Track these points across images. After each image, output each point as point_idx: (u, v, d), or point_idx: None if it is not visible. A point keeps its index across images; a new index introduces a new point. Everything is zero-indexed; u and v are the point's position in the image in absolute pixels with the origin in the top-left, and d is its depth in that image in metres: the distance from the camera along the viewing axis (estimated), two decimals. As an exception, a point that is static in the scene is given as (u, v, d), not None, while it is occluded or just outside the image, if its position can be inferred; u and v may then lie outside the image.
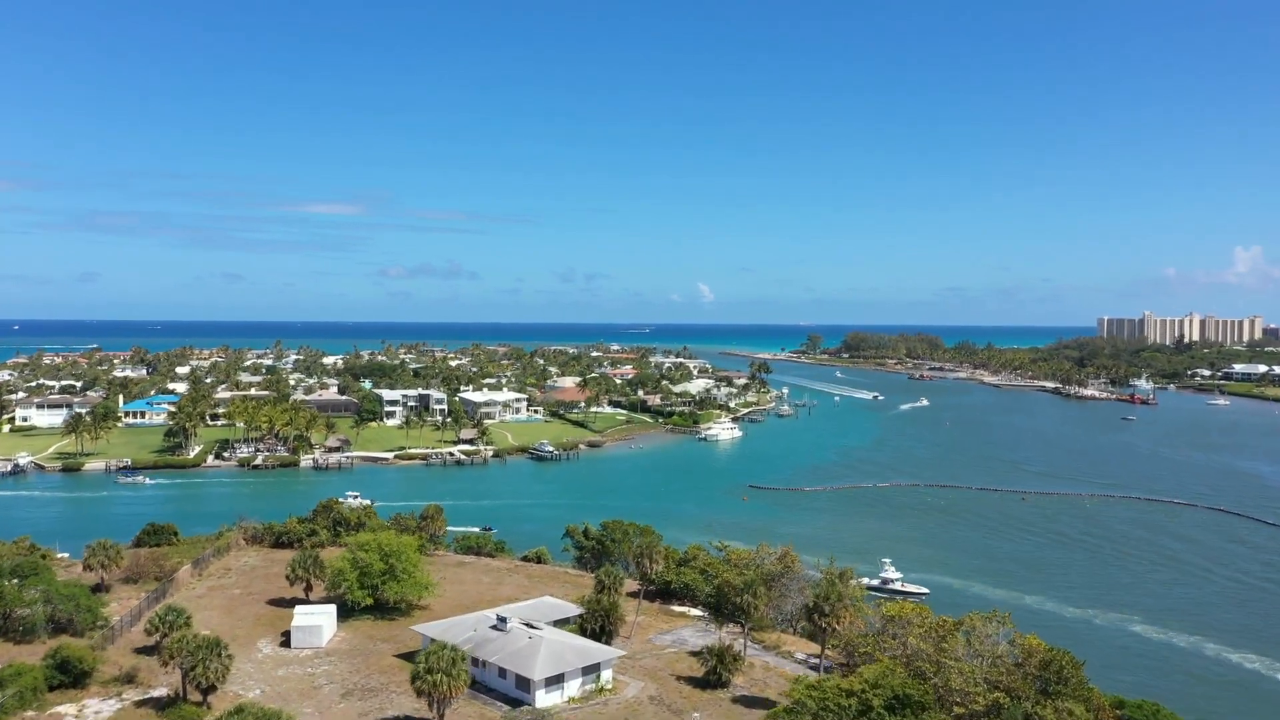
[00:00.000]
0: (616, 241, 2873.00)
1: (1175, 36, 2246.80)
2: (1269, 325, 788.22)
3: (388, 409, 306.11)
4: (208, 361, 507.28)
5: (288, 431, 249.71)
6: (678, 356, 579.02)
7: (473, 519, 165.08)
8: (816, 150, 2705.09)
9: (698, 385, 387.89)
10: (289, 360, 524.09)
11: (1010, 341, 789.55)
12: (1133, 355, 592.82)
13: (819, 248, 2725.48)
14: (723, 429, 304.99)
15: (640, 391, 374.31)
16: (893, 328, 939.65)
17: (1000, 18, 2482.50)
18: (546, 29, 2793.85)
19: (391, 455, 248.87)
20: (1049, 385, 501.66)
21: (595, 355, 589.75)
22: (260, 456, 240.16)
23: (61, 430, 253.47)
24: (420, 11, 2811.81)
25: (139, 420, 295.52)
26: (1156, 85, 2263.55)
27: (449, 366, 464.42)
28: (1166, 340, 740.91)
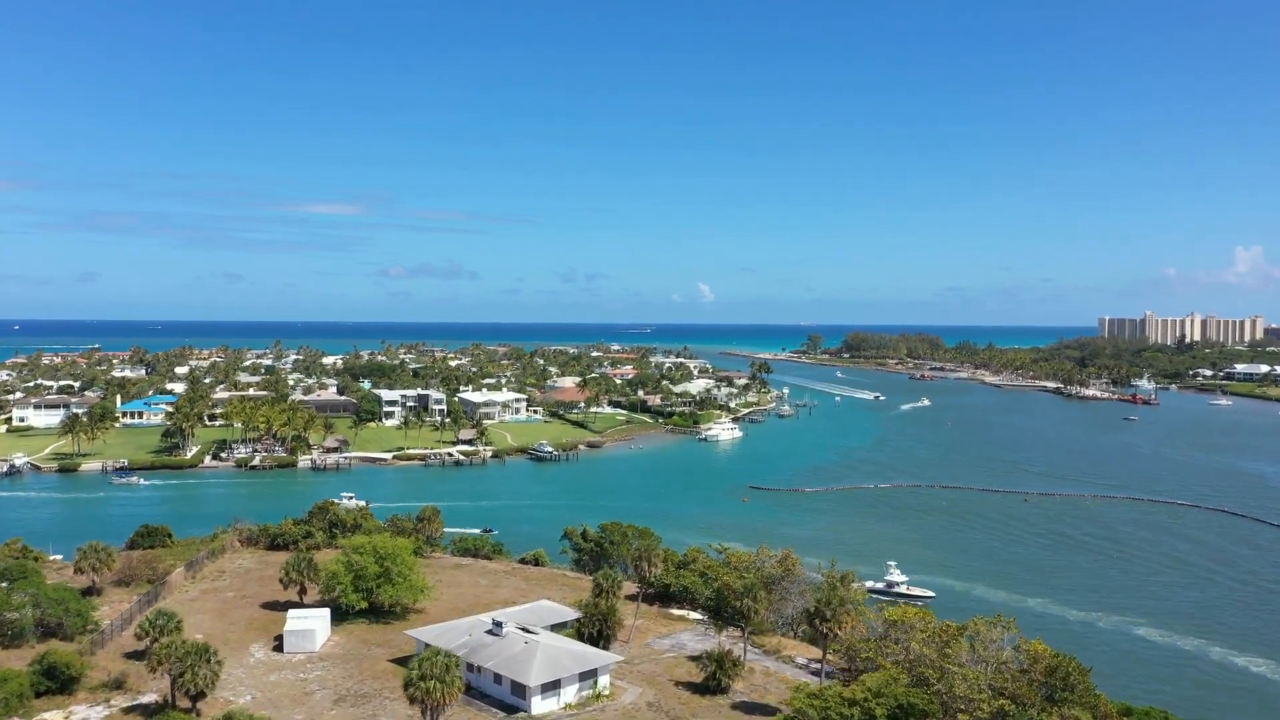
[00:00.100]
0: (617, 241, 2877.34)
1: (1175, 36, 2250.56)
2: (1270, 325, 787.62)
3: (386, 409, 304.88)
4: (207, 362, 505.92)
5: (285, 432, 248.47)
6: (678, 356, 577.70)
7: (471, 520, 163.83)
8: (816, 150, 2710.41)
9: (698, 385, 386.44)
10: (288, 360, 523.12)
11: (1011, 341, 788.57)
12: (1134, 355, 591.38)
13: (819, 248, 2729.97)
14: (723, 429, 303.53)
15: (640, 392, 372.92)
16: (893, 328, 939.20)
17: (1000, 18, 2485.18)
18: (546, 29, 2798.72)
19: (390, 456, 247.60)
20: (1050, 385, 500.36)
21: (595, 355, 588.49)
22: (257, 457, 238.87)
23: (58, 431, 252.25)
24: (420, 11, 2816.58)
25: (137, 421, 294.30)
26: (1156, 85, 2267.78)
27: (448, 366, 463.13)
28: (1168, 340, 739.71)
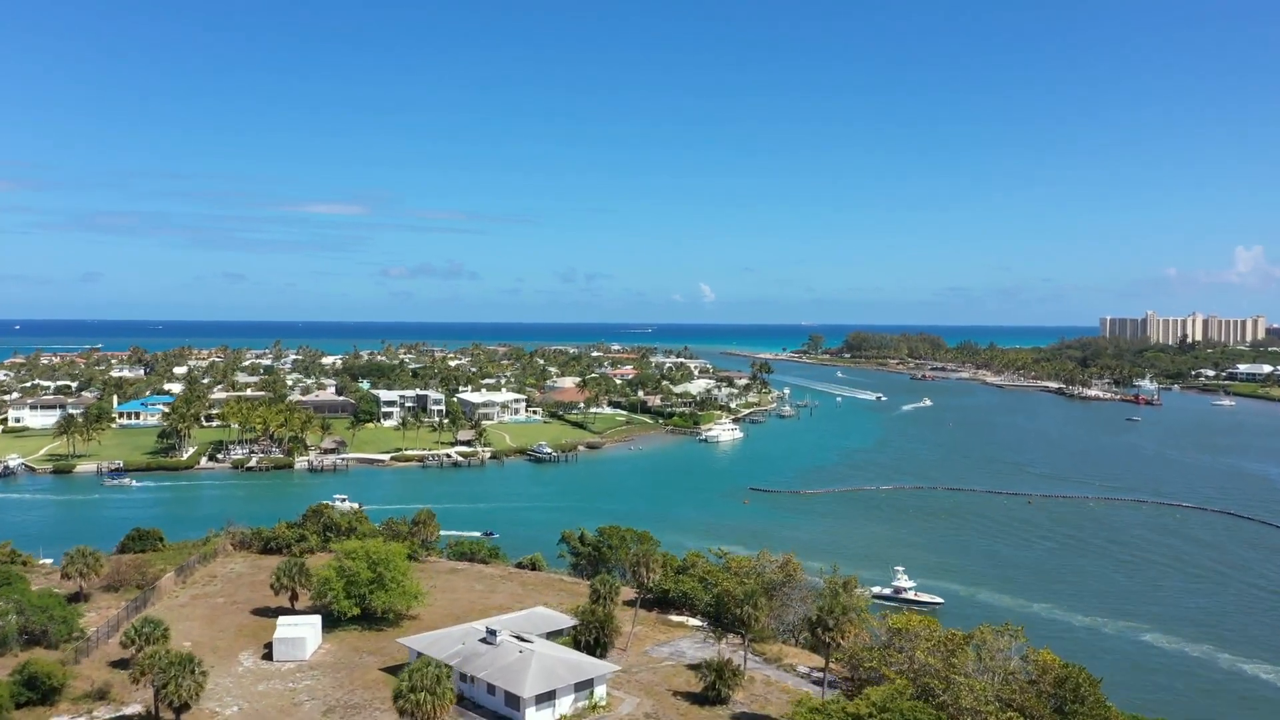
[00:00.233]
0: (617, 241, 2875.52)
1: (1175, 36, 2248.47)
2: (1272, 325, 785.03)
3: (385, 410, 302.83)
4: (205, 362, 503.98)
5: (282, 433, 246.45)
6: (678, 356, 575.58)
7: (469, 522, 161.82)
8: (816, 150, 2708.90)
9: (698, 386, 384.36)
10: (288, 360, 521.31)
11: (1012, 341, 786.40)
12: (1136, 355, 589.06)
13: (820, 248, 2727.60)
14: (723, 430, 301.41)
15: (640, 392, 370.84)
16: (894, 328, 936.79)
17: (1000, 18, 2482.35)
18: (546, 29, 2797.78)
19: (387, 457, 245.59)
20: (1052, 385, 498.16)
21: (595, 355, 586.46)
22: (254, 458, 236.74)
23: (54, 431, 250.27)
24: (420, 11, 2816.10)
25: (133, 421, 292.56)
26: (1156, 85, 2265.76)
27: (448, 367, 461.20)
28: (1169, 340, 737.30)
